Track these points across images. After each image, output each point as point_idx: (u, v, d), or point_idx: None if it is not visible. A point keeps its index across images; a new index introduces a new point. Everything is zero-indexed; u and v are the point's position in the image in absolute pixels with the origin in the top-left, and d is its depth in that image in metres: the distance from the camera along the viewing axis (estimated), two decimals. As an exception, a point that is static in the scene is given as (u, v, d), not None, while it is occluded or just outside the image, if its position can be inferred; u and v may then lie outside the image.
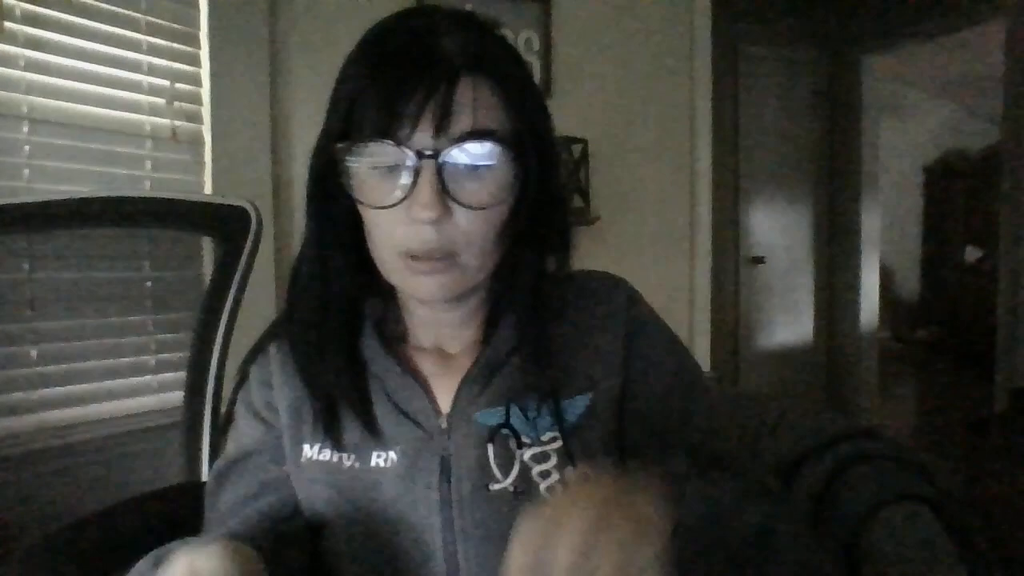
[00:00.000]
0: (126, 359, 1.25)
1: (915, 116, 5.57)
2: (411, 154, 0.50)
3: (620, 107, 2.12)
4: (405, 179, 0.51)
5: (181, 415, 1.01)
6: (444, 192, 0.51)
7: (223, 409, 1.00)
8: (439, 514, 0.55)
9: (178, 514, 0.72)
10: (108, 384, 1.23)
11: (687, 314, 2.33)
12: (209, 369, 0.99)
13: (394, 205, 0.52)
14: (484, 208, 0.53)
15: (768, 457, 0.86)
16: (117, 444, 1.21)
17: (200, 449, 0.99)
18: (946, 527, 0.71)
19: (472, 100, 0.51)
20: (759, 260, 3.64)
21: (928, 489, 0.75)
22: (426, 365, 0.62)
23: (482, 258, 0.56)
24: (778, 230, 3.70)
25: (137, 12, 1.29)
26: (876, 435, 0.84)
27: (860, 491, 0.75)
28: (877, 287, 3.83)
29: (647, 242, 2.21)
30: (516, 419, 0.58)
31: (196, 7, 1.38)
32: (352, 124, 0.53)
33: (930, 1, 3.34)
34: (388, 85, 0.51)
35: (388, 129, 0.51)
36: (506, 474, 0.56)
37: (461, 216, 0.53)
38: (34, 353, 1.14)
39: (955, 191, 5.48)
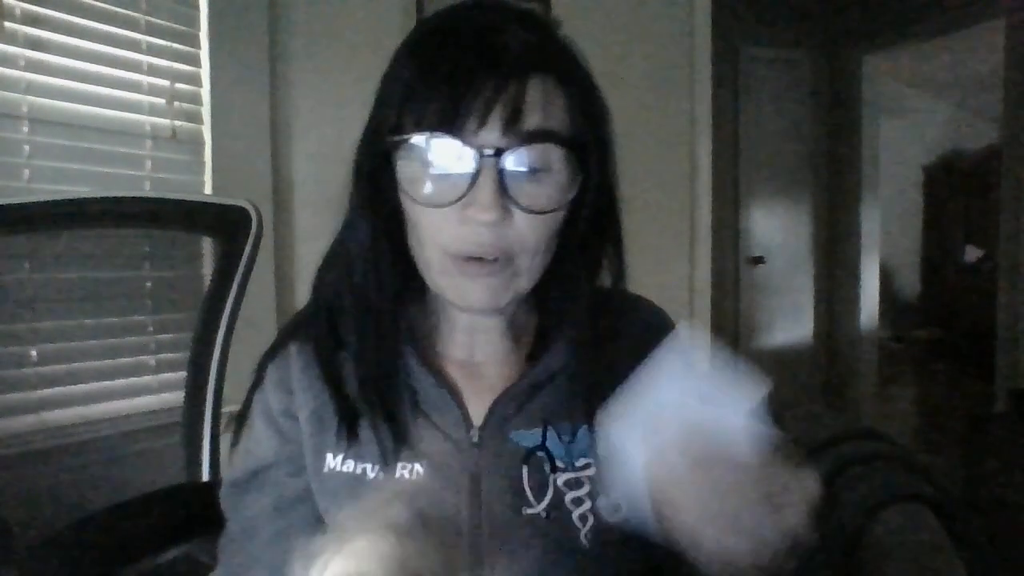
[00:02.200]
0: (126, 359, 1.25)
1: (915, 116, 5.57)
2: (473, 152, 0.48)
3: (620, 108, 2.10)
4: (463, 178, 0.48)
5: (181, 415, 1.01)
6: (504, 194, 0.48)
7: (225, 409, 1.01)
8: (468, 534, 0.53)
9: (179, 514, 0.73)
10: (108, 384, 1.23)
11: (687, 314, 2.33)
12: (209, 369, 0.99)
13: (450, 204, 0.49)
14: (544, 212, 0.50)
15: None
16: (117, 444, 1.21)
17: (200, 449, 0.99)
18: (946, 527, 0.71)
19: (542, 100, 0.49)
20: (759, 260, 3.64)
21: (928, 489, 0.75)
22: (456, 375, 0.59)
23: (536, 264, 0.53)
24: (778, 230, 3.70)
25: (137, 12, 1.29)
26: (876, 435, 0.84)
27: (860, 491, 0.75)
28: (877, 287, 3.83)
29: (647, 242, 2.21)
30: (552, 441, 0.55)
31: (196, 7, 1.38)
32: (408, 116, 0.50)
33: (930, 1, 3.34)
34: (453, 78, 0.48)
35: (452, 124, 0.48)
36: (540, 499, 0.53)
37: (519, 219, 0.50)
38: (34, 353, 1.14)
39: (955, 191, 5.48)
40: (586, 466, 0.55)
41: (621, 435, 0.44)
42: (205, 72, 1.39)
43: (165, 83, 1.33)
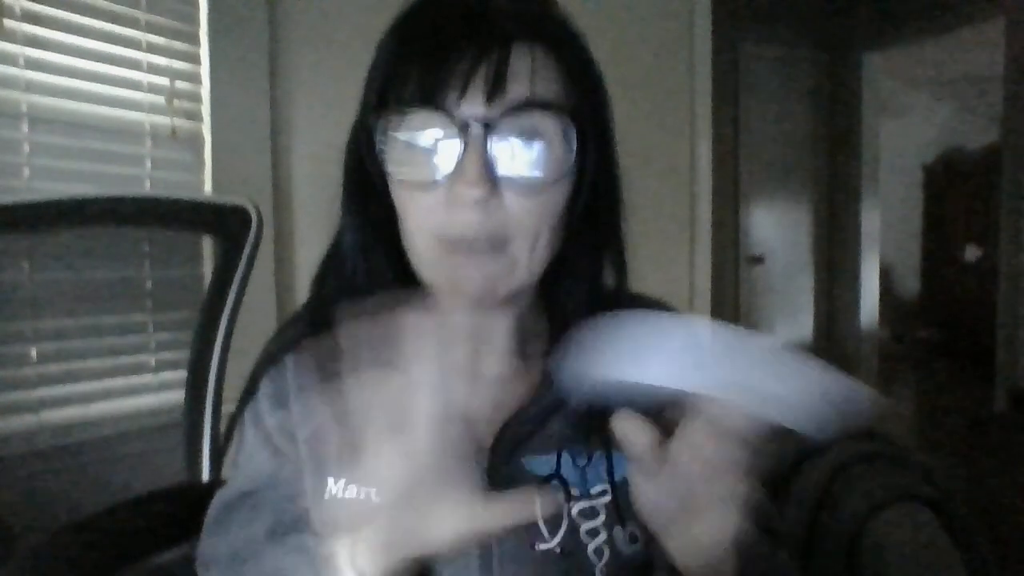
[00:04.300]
0: (126, 359, 1.25)
1: (915, 116, 5.57)
2: (456, 125, 0.44)
3: (620, 107, 2.10)
4: (449, 153, 0.45)
5: (181, 415, 1.01)
6: (492, 169, 0.45)
7: (225, 409, 1.01)
8: (478, 570, 0.49)
9: (178, 514, 0.72)
10: (108, 384, 1.23)
11: (687, 314, 2.32)
12: (209, 369, 0.99)
13: (435, 183, 0.45)
14: (538, 189, 0.46)
15: (768, 457, 0.86)
16: (117, 444, 1.21)
17: (200, 449, 0.99)
18: (946, 527, 0.71)
19: (529, 68, 0.45)
20: (759, 260, 3.64)
21: (928, 489, 0.75)
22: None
23: (535, 251, 0.48)
24: (778, 230, 3.70)
25: (137, 10, 1.29)
26: (876, 435, 0.84)
27: (860, 491, 0.75)
28: (877, 287, 3.84)
29: (647, 242, 2.21)
30: (566, 468, 0.51)
31: (196, 6, 1.38)
32: (390, 91, 0.47)
33: (930, 1, 3.34)
34: (433, 46, 0.45)
35: (432, 95, 0.44)
36: (553, 532, 0.50)
37: (512, 198, 0.46)
38: (34, 353, 1.14)
39: (955, 191, 5.47)
40: (602, 493, 0.52)
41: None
42: (205, 71, 1.39)
43: (165, 81, 1.33)
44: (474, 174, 0.44)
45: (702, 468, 0.39)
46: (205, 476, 0.98)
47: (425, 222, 0.47)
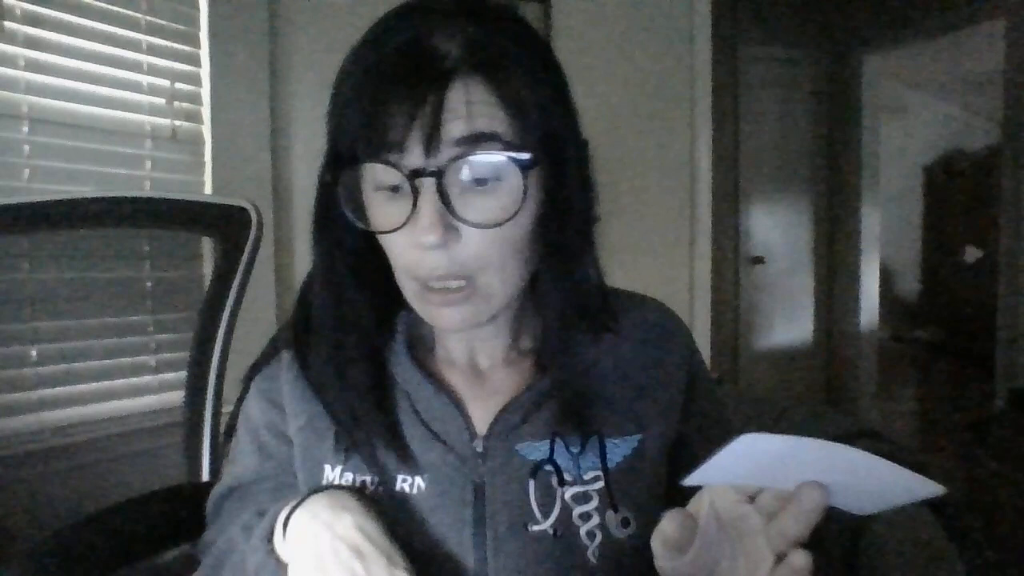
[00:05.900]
0: (126, 359, 1.25)
1: (915, 116, 5.57)
2: (403, 175, 0.45)
3: (620, 107, 2.11)
4: (405, 201, 0.46)
5: (181, 415, 1.01)
6: (448, 212, 0.46)
7: (225, 409, 1.00)
8: (472, 551, 0.51)
9: (178, 514, 0.73)
10: (108, 384, 1.23)
11: (687, 314, 2.33)
12: (209, 369, 0.99)
13: (396, 230, 0.47)
14: (496, 225, 0.47)
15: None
16: (117, 444, 1.21)
17: (200, 449, 0.99)
18: (946, 528, 0.71)
19: (465, 104, 0.45)
20: (759, 260, 3.64)
21: (928, 489, 0.75)
22: (458, 382, 0.56)
23: (504, 279, 0.50)
24: (778, 230, 3.70)
25: (137, 12, 1.29)
26: (876, 435, 0.84)
27: (860, 491, 0.75)
28: (877, 287, 3.83)
29: (647, 243, 2.21)
30: (560, 454, 0.53)
31: (196, 7, 1.38)
32: (341, 143, 0.48)
33: (930, 1, 3.34)
34: (372, 98, 0.45)
35: (377, 149, 0.45)
36: (547, 515, 0.51)
37: (472, 236, 0.47)
38: (34, 353, 1.14)
39: (955, 191, 5.47)
40: (595, 479, 0.53)
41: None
42: (205, 72, 1.39)
43: (165, 83, 1.33)
44: (426, 222, 0.45)
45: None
46: (205, 476, 0.98)
47: (399, 260, 0.50)
